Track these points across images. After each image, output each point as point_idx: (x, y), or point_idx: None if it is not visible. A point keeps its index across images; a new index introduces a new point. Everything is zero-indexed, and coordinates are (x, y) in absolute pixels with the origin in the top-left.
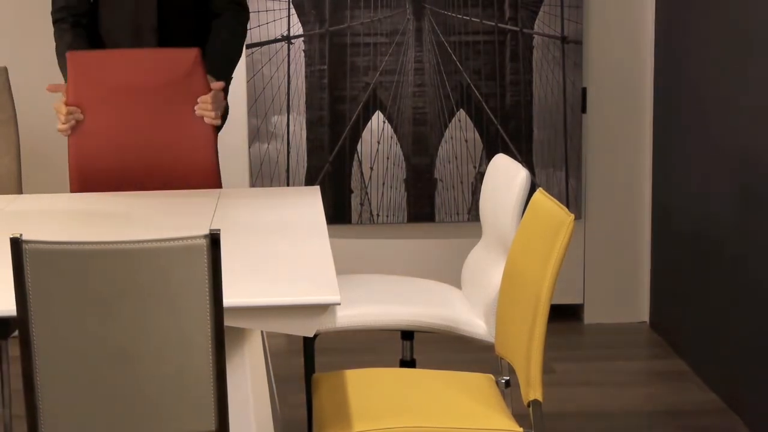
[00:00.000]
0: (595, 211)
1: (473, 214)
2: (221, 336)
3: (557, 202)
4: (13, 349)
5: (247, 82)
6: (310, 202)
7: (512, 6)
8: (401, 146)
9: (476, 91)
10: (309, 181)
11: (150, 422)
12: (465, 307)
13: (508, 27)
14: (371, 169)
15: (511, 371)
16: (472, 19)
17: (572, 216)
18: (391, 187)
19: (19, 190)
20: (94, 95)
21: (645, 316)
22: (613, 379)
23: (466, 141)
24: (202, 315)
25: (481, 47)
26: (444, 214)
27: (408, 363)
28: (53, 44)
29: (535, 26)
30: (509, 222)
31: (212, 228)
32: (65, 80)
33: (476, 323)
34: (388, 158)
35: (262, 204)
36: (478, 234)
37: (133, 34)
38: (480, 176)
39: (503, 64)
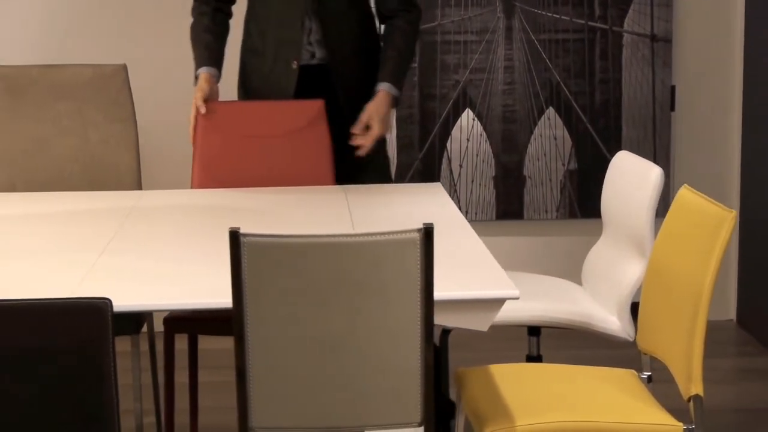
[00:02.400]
0: None
1: (561, 211)
2: (430, 329)
3: (707, 197)
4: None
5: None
6: (439, 198)
7: (602, 4)
8: (490, 144)
9: (566, 89)
10: (399, 178)
11: (357, 413)
12: (592, 303)
13: (598, 25)
14: (460, 166)
15: (654, 367)
16: (562, 17)
17: (734, 212)
18: (480, 185)
19: (139, 186)
20: (223, 142)
21: (732, 313)
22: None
23: (555, 138)
24: (413, 308)
25: (570, 45)
26: (532, 211)
27: (534, 359)
28: (172, 43)
29: (625, 24)
30: (644, 220)
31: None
32: (194, 59)
33: (609, 319)
34: (477, 155)
35: (390, 200)
36: (566, 231)
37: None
38: (569, 173)
39: (593, 62)
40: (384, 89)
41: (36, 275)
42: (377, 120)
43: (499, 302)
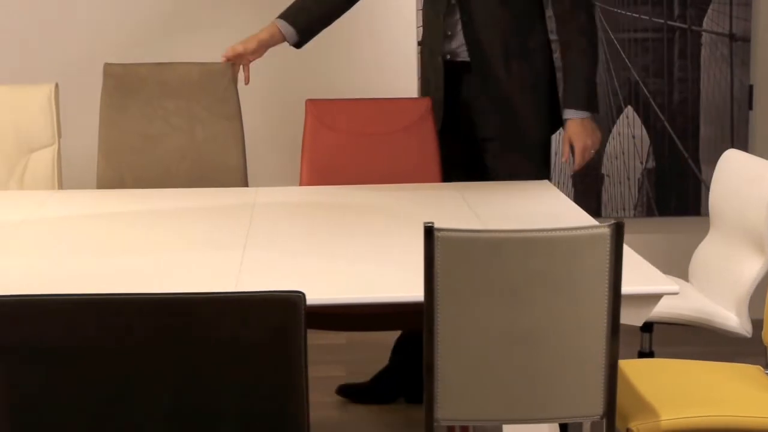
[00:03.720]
0: None
1: (639, 209)
2: (617, 323)
3: None
4: None
5: (420, 79)
6: (554, 195)
7: (681, 4)
8: None
9: (644, 88)
10: None
11: (542, 405)
12: (705, 300)
13: (677, 24)
14: None
15: None
16: (642, 16)
17: None
18: (559, 183)
19: (245, 183)
20: (331, 140)
21: None
22: None
23: (634, 137)
24: (600, 302)
25: (649, 44)
26: (610, 209)
27: (646, 355)
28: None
29: (704, 24)
30: (763, 217)
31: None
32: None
33: (728, 316)
34: (556, 154)
35: (506, 197)
36: (644, 229)
37: None
38: (647, 172)
39: (671, 62)
40: (572, 117)
41: (191, 269)
42: (578, 144)
43: (655, 298)
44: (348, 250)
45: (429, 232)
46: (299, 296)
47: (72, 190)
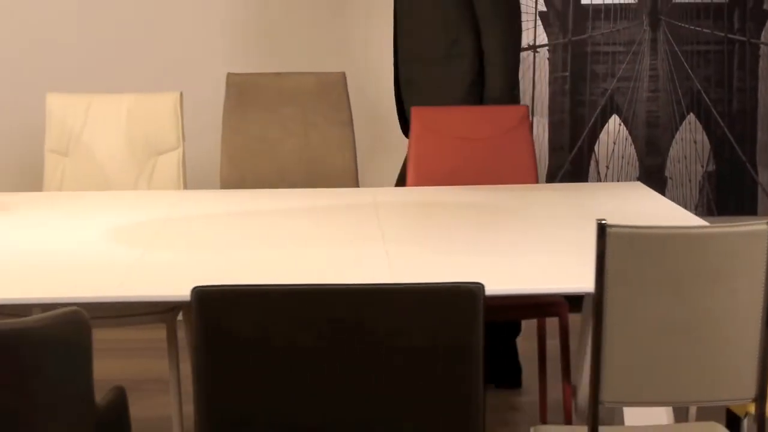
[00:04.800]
0: None
1: (700, 209)
2: None
3: None
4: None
5: None
6: (649, 196)
7: (740, 18)
8: (635, 147)
9: (705, 97)
10: (550, 179)
11: (700, 388)
12: None
13: (737, 37)
14: (607, 167)
15: None
16: (704, 30)
17: None
18: None
19: (356, 184)
20: (435, 144)
21: None
22: None
23: (695, 142)
24: (756, 294)
25: (711, 56)
26: None
27: None
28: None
29: (762, 36)
30: None
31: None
32: None
33: None
34: (622, 158)
35: (612, 197)
36: None
37: None
38: (707, 175)
39: (731, 72)
40: None
41: (347, 262)
42: None
43: None
44: (484, 245)
45: (602, 228)
46: (479, 287)
47: (199, 190)
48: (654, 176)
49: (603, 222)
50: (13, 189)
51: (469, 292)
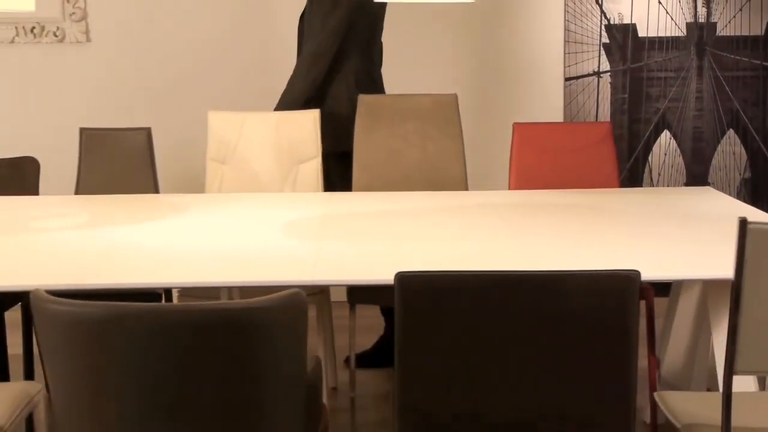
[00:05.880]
0: None
1: None
2: None
3: None
4: None
5: (565, 107)
6: (720, 198)
7: None
8: (683, 158)
9: (743, 115)
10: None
11: None
12: None
13: None
14: (659, 175)
15: None
16: (743, 58)
17: None
18: None
19: (465, 188)
20: (534, 154)
21: None
22: None
23: (734, 154)
24: None
25: (748, 80)
26: None
27: None
28: (493, 75)
29: None
30: None
31: None
32: None
33: None
34: (671, 167)
35: (689, 201)
36: None
37: None
38: (744, 181)
39: (765, 94)
40: None
41: (502, 252)
42: None
43: None
44: (598, 237)
45: (743, 224)
46: (636, 273)
47: (337, 192)
48: (698, 182)
49: (744, 219)
50: (181, 191)
51: (628, 278)
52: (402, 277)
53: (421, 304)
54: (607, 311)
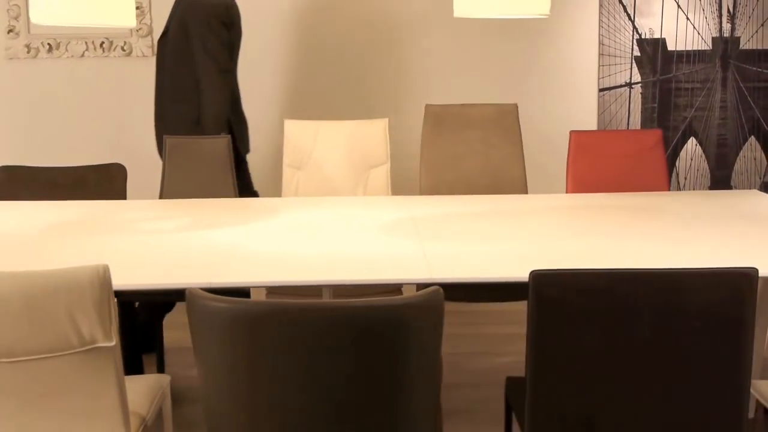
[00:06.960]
0: None
1: None
2: None
3: None
4: None
5: (599, 115)
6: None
7: None
8: (707, 162)
9: (764, 123)
10: None
11: None
12: None
13: None
14: (685, 179)
15: None
16: (764, 70)
17: None
18: None
19: (525, 191)
20: (589, 160)
21: None
22: None
23: (755, 159)
24: None
25: None
26: None
27: None
28: (553, 85)
29: None
30: None
31: None
32: None
33: None
34: (697, 171)
35: (735, 203)
36: None
37: None
38: (764, 185)
39: None
40: None
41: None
42: None
43: None
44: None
45: None
46: (754, 270)
47: (404, 196)
48: (721, 185)
49: None
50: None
51: (747, 276)
52: (537, 276)
53: (555, 302)
54: (726, 307)
